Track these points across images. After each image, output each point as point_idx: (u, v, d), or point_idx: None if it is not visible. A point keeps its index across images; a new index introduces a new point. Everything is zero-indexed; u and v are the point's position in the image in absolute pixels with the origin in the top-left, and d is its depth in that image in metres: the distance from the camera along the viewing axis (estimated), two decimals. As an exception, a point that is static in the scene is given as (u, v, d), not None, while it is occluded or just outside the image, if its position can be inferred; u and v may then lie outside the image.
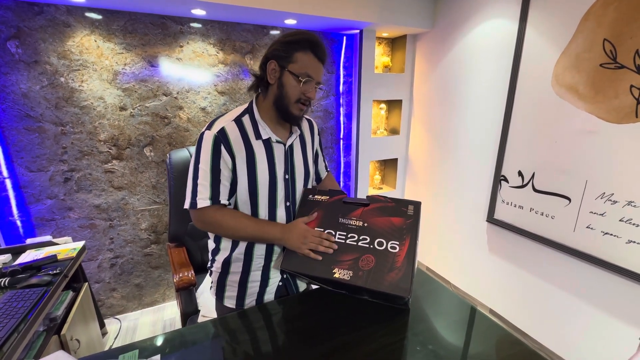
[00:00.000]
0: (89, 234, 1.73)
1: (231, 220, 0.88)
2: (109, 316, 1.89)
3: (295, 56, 0.84)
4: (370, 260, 0.80)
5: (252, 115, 0.91)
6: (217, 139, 0.84)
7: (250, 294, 0.97)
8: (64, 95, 1.53)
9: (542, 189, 1.53)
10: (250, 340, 0.80)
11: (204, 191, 0.85)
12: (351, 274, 0.80)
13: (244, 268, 0.95)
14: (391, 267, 0.78)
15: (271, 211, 0.93)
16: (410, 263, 0.77)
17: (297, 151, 0.98)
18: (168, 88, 1.73)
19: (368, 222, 0.85)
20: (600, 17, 1.24)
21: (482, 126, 1.82)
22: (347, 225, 0.87)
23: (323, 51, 0.87)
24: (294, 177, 0.97)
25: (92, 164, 1.66)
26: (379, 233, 0.83)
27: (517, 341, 0.80)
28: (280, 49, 0.85)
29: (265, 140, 0.90)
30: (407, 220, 0.83)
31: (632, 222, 1.22)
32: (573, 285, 1.48)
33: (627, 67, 1.19)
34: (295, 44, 0.84)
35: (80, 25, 1.50)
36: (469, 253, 2.02)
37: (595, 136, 1.30)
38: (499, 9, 1.65)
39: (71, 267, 1.29)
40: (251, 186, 0.89)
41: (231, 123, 0.87)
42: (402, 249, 0.79)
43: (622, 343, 1.32)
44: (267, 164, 0.90)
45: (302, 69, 0.85)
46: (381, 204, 0.87)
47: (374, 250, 0.81)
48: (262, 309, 0.92)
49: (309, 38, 0.85)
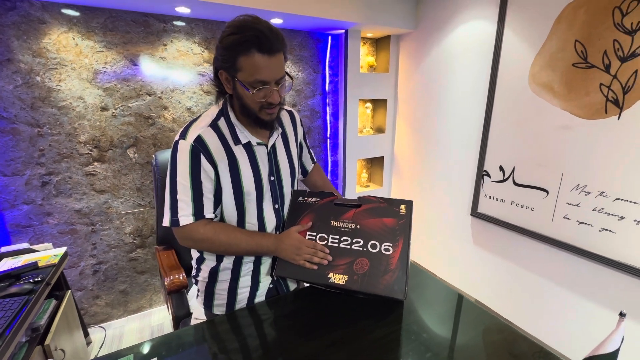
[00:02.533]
0: (69, 240, 1.66)
1: (223, 235, 0.82)
2: (92, 325, 1.82)
3: (239, 62, 0.71)
4: (365, 263, 0.80)
5: (228, 118, 0.83)
6: (195, 149, 0.77)
7: (241, 299, 0.94)
8: (40, 95, 1.46)
9: (522, 183, 1.60)
10: (247, 339, 0.80)
11: (186, 207, 0.78)
12: (346, 278, 0.79)
13: (233, 275, 0.91)
14: (385, 270, 0.78)
15: (259, 216, 0.89)
16: (404, 264, 0.77)
17: (281, 150, 0.93)
18: (152, 87, 1.69)
19: (360, 224, 0.84)
20: (571, 20, 1.32)
21: (465, 124, 1.89)
22: (339, 228, 0.85)
23: (271, 41, 0.70)
24: (280, 178, 0.93)
25: (72, 166, 1.59)
26: (372, 235, 0.83)
27: (505, 326, 0.84)
28: (221, 58, 0.74)
29: (245, 144, 0.84)
30: (399, 220, 0.82)
31: (604, 212, 1.31)
32: (552, 273, 1.56)
33: (596, 67, 1.27)
34: (233, 49, 0.71)
35: (57, 22, 1.44)
36: (455, 246, 2.09)
37: (570, 131, 1.39)
38: (479, 11, 1.72)
39: (54, 274, 1.23)
40: (237, 194, 0.84)
41: (207, 129, 0.80)
42: (395, 250, 0.79)
43: (599, 323, 1.41)
44: (251, 169, 0.85)
45: (250, 76, 0.72)
46: (373, 205, 0.86)
47: (368, 253, 0.81)
48: (256, 309, 0.91)
49: (246, 36, 0.69)
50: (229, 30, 0.72)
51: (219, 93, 0.84)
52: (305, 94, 2.20)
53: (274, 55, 0.73)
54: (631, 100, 1.19)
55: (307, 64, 2.15)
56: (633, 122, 1.20)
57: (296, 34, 2.06)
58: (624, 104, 1.21)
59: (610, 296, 1.36)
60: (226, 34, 0.72)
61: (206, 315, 1.00)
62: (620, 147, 1.24)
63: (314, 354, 0.74)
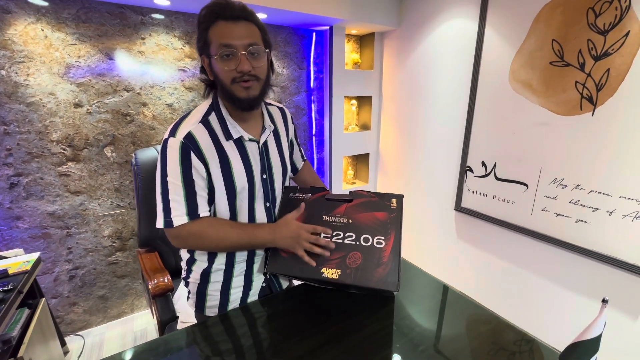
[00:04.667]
0: (42, 245, 1.56)
1: (212, 231, 0.79)
2: (70, 333, 1.73)
3: (209, 37, 0.73)
4: (357, 257, 0.80)
5: (219, 113, 0.81)
6: (184, 147, 0.75)
7: (233, 300, 0.92)
8: (5, 91, 1.36)
9: (503, 177, 1.66)
10: (240, 339, 0.78)
11: (179, 207, 0.76)
12: (339, 272, 0.79)
13: (225, 276, 0.90)
14: (378, 263, 0.79)
15: (250, 214, 0.87)
16: (397, 257, 0.79)
17: (273, 147, 0.92)
18: (130, 83, 1.61)
19: (352, 218, 0.84)
20: (549, 20, 1.37)
21: (448, 120, 1.92)
22: (331, 222, 0.85)
23: (232, 7, 0.72)
24: (271, 176, 0.91)
25: (44, 167, 1.50)
26: (364, 229, 0.83)
27: (493, 316, 0.87)
28: (198, 42, 0.76)
29: (236, 140, 0.82)
30: (391, 214, 0.83)
31: (580, 203, 1.37)
32: (533, 264, 1.62)
33: (572, 65, 1.32)
34: (203, 26, 0.74)
35: (24, 12, 1.34)
36: (439, 241, 2.13)
37: (547, 127, 1.44)
38: (460, 10, 1.75)
39: (26, 282, 1.16)
40: (229, 192, 0.82)
41: (198, 125, 0.78)
42: (387, 243, 0.80)
43: (578, 311, 1.48)
44: (243, 166, 0.83)
45: (217, 46, 0.72)
46: (364, 199, 0.86)
47: (361, 247, 0.81)
48: (250, 308, 0.90)
49: (210, 8, 0.73)
50: (200, 12, 0.75)
51: (207, 86, 0.83)
52: (290, 90, 2.17)
53: (238, 22, 0.73)
54: (604, 97, 1.25)
55: (292, 60, 2.12)
56: (605, 119, 1.26)
57: (280, 29, 2.02)
58: (597, 101, 1.27)
59: (588, 285, 1.43)
60: (199, 16, 0.75)
61: (197, 317, 0.97)
62: (594, 142, 1.30)
63: (308, 352, 0.73)
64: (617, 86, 1.21)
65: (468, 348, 0.76)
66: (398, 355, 0.73)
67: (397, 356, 0.73)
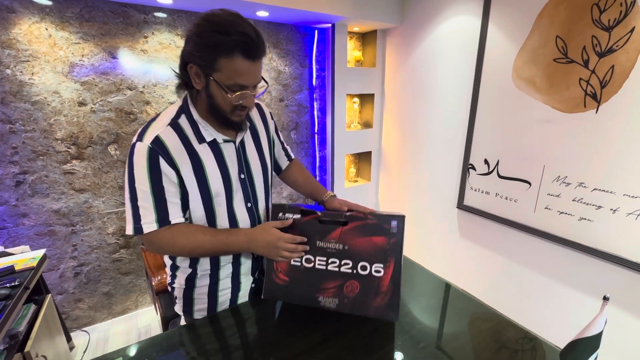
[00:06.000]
0: (47, 242, 1.58)
1: (184, 239, 0.75)
2: (75, 329, 1.75)
3: (219, 63, 0.67)
4: (355, 286, 0.76)
5: (190, 115, 0.77)
6: (152, 152, 0.70)
7: (222, 302, 0.90)
8: (11, 90, 1.38)
9: (505, 175, 1.65)
10: (240, 337, 0.78)
11: (148, 214, 0.73)
12: (337, 301, 0.77)
13: (211, 280, 0.87)
14: (377, 292, 0.75)
15: (231, 217, 0.84)
16: (397, 285, 0.75)
17: (250, 147, 0.87)
18: (133, 82, 1.62)
19: (348, 244, 0.77)
20: (552, 16, 1.36)
21: (451, 118, 1.92)
22: (326, 249, 0.79)
23: (257, 47, 0.68)
24: (250, 176, 0.87)
25: (49, 165, 1.51)
26: (361, 256, 0.77)
27: (494, 314, 0.87)
28: (198, 54, 0.68)
29: (210, 142, 0.78)
30: (390, 239, 0.75)
31: (583, 201, 1.37)
32: (536, 262, 1.62)
33: (576, 62, 1.31)
34: (215, 48, 0.66)
35: (28, 12, 1.35)
36: (441, 239, 2.13)
37: (551, 125, 1.43)
38: (463, 7, 1.74)
39: (32, 278, 1.17)
40: (205, 197, 0.78)
41: (167, 129, 0.74)
42: (386, 272, 0.75)
43: (581, 309, 1.48)
44: (219, 168, 0.79)
45: (230, 79, 0.69)
46: (361, 222, 0.78)
47: (358, 275, 0.77)
48: (246, 306, 0.90)
49: (233, 39, 0.65)
50: (209, 26, 0.66)
51: (183, 86, 0.77)
52: (292, 88, 2.17)
53: (257, 62, 0.70)
54: (608, 94, 1.24)
55: (294, 58, 2.12)
56: (610, 116, 1.25)
57: (283, 27, 2.02)
58: (601, 98, 1.26)
59: (590, 283, 1.42)
60: (206, 29, 0.66)
61: (186, 321, 0.95)
62: (597, 140, 1.29)
63: (311, 348, 0.74)
64: (622, 83, 1.20)
65: (469, 345, 0.76)
66: (399, 352, 0.74)
67: (398, 353, 0.73)
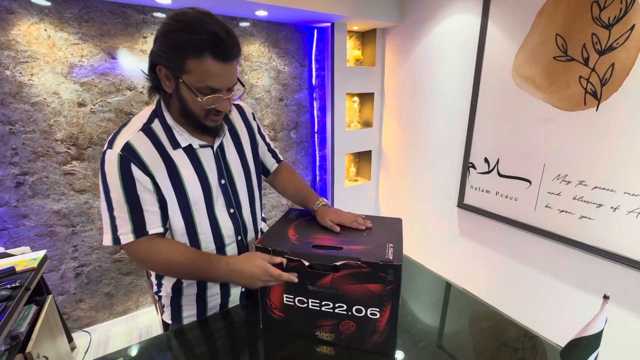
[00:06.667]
0: (48, 243, 1.59)
1: (161, 258, 0.71)
2: (76, 329, 1.76)
3: (188, 65, 0.63)
4: (351, 325, 0.75)
5: (163, 120, 0.73)
6: (123, 159, 0.67)
7: (212, 307, 0.88)
8: (10, 91, 1.38)
9: (506, 174, 1.65)
10: (239, 337, 0.79)
11: (124, 224, 0.69)
12: (333, 336, 0.76)
13: (199, 287, 0.84)
14: (373, 331, 0.73)
15: (213, 223, 0.80)
16: (393, 325, 0.72)
17: (231, 150, 0.83)
18: (132, 82, 1.62)
19: (341, 289, 0.73)
20: (552, 14, 1.36)
21: (451, 117, 1.91)
22: (318, 293, 0.74)
23: (227, 47, 0.64)
24: (232, 181, 0.83)
25: (49, 165, 1.51)
26: (355, 301, 0.73)
27: (495, 313, 0.87)
28: (164, 55, 0.63)
29: (186, 147, 0.75)
30: (387, 286, 0.69)
31: (584, 200, 1.37)
32: (536, 260, 1.62)
33: (576, 60, 1.31)
34: (181, 49, 0.62)
35: (27, 13, 1.35)
36: (442, 237, 2.13)
37: (551, 123, 1.43)
38: (463, 5, 1.74)
39: (33, 279, 1.17)
40: (182, 204, 0.75)
41: (138, 134, 0.70)
42: (383, 315, 0.71)
43: (581, 308, 1.48)
44: (196, 174, 0.76)
45: (201, 82, 0.64)
46: (354, 270, 0.71)
47: (353, 316, 0.73)
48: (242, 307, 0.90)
49: (200, 38, 0.61)
50: (176, 25, 0.63)
51: (154, 89, 0.73)
52: (292, 88, 2.17)
53: (229, 63, 0.66)
54: (608, 92, 1.24)
55: (294, 57, 2.12)
56: (610, 114, 1.24)
57: (282, 27, 2.02)
58: (601, 96, 1.26)
59: (591, 281, 1.42)
60: (173, 28, 0.62)
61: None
62: (598, 138, 1.29)
63: (311, 347, 0.74)
64: (622, 81, 1.19)
65: (470, 344, 0.76)
66: (400, 351, 0.74)
67: (399, 352, 0.73)
